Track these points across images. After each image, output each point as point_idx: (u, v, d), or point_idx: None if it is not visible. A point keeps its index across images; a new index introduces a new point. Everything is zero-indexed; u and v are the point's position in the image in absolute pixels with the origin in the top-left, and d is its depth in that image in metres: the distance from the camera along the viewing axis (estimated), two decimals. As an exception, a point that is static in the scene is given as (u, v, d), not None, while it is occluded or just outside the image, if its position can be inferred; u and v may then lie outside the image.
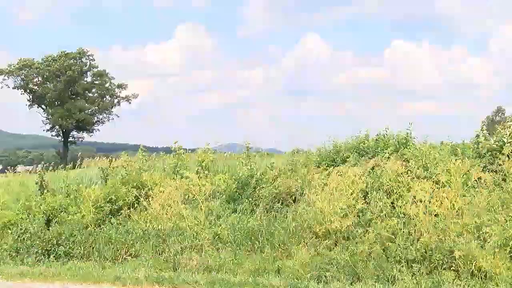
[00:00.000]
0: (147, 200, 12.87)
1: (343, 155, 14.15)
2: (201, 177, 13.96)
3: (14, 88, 67.60)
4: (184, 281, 9.76)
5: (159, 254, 11.34)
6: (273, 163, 14.97)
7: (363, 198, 10.77)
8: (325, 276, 9.28)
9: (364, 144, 14.40)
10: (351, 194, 10.75)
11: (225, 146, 21.96)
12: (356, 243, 9.81)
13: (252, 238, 11.28)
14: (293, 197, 12.52)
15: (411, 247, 9.17)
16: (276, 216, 11.95)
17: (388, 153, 12.84)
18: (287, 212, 11.94)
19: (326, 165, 13.82)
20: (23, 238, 12.70)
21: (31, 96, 68.07)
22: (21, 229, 12.93)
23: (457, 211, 9.61)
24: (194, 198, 12.94)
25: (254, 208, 12.47)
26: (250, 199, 12.94)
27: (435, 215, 9.67)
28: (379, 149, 13.77)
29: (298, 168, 14.23)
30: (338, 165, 12.90)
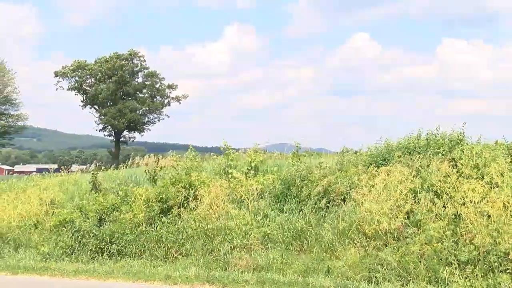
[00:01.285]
0: (196, 200, 13.00)
1: (393, 154, 13.93)
2: (249, 177, 14.02)
3: (68, 89, 69.43)
4: (234, 280, 9.84)
5: (209, 253, 11.45)
6: (322, 162, 14.90)
7: (412, 198, 10.59)
8: (375, 277, 9.20)
9: (415, 143, 14.15)
10: (400, 194, 10.59)
11: (274, 145, 21.98)
12: (407, 244, 9.65)
13: (301, 238, 11.27)
14: (342, 197, 12.42)
15: (463, 248, 8.97)
16: (324, 216, 11.89)
17: (441, 153, 12.58)
18: (335, 212, 11.86)
19: (376, 165, 13.64)
20: (78, 236, 13.03)
21: (84, 97, 69.65)
22: (75, 228, 13.27)
23: (511, 212, 9.34)
24: (242, 198, 13.01)
25: (302, 208, 12.42)
26: (298, 199, 12.90)
27: (488, 217, 9.42)
28: (430, 148, 13.50)
29: (347, 167, 14.12)
30: (387, 165, 12.71)
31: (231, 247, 11.25)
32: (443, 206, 10.14)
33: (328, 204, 12.29)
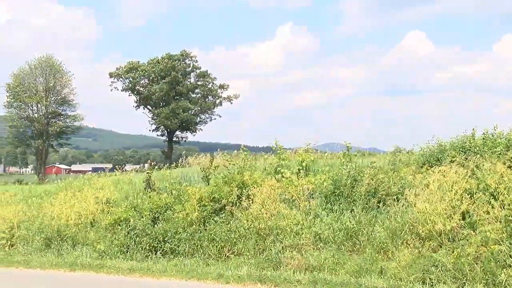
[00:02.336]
0: (249, 199, 13.08)
1: (448, 154, 13.65)
2: (300, 177, 14.00)
3: (122, 90, 70.95)
4: (286, 280, 9.86)
5: (261, 253, 11.51)
6: (374, 162, 14.73)
7: (468, 198, 10.35)
8: (430, 279, 9.05)
9: (470, 143, 13.83)
10: (455, 194, 10.37)
11: (325, 145, 21.85)
12: (462, 245, 9.45)
13: (352, 238, 11.19)
14: (394, 197, 12.26)
15: (523, 251, 8.72)
16: (375, 216, 11.76)
17: (498, 152, 12.26)
18: (387, 212, 11.71)
19: (430, 164, 13.40)
20: (132, 235, 13.33)
21: (138, 98, 70.98)
22: (130, 226, 13.57)
23: None
24: (293, 198, 13.01)
25: (353, 208, 12.33)
26: (349, 199, 12.80)
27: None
28: (486, 148, 13.17)
29: (400, 167, 13.93)
30: (441, 165, 12.47)
31: (282, 246, 11.27)
32: (500, 207, 9.88)
33: (379, 204, 12.15)
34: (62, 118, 70.30)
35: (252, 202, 12.85)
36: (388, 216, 11.44)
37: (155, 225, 13.52)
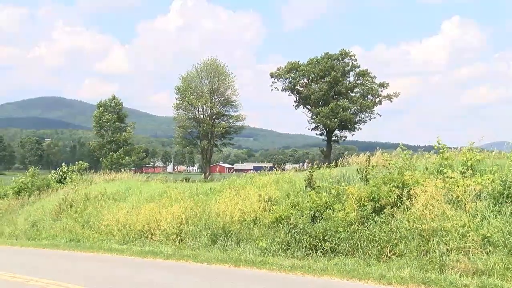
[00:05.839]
0: (410, 199, 12.72)
1: None
2: (466, 177, 13.32)
3: (282, 90, 72.43)
4: (451, 284, 9.47)
5: (424, 255, 11.15)
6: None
7: None
8: None
9: None
10: None
11: (493, 144, 20.49)
12: None
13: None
14: None
15: None
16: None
17: None
18: None
19: None
20: (293, 233, 13.58)
21: (297, 98, 72.01)
22: (291, 224, 13.84)
23: None
24: (458, 199, 12.42)
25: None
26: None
27: None
28: None
29: None
30: None
31: (447, 249, 10.83)
32: None
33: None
34: (225, 119, 73.55)
35: (414, 202, 12.49)
36: None
37: (315, 224, 13.65)
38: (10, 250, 20.61)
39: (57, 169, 35.04)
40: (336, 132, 71.81)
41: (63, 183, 31.30)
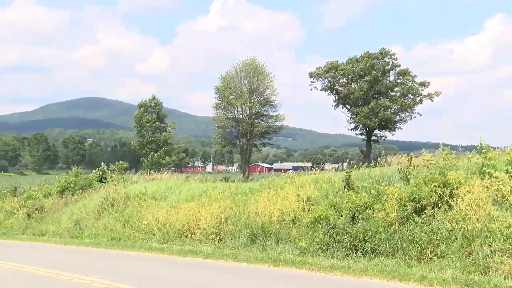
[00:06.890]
0: (452, 200, 12.49)
1: None
2: (511, 177, 13.00)
3: (321, 89, 72.06)
4: (495, 286, 9.28)
5: (466, 256, 10.93)
6: None
7: None
8: None
9: None
10: None
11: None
12: None
13: None
14: None
15: None
16: None
17: None
18: None
19: None
20: (332, 233, 13.50)
21: (336, 97, 71.53)
22: (330, 224, 13.75)
23: None
24: (505, 199, 12.13)
25: None
26: None
27: None
28: None
29: None
30: None
31: (491, 250, 10.57)
32: None
33: None
34: (264, 119, 73.52)
35: (456, 203, 12.25)
36: None
37: (354, 224, 13.53)
38: (63, 248, 21.03)
39: (97, 168, 35.58)
40: (376, 131, 71.04)
41: (104, 183, 31.80)
